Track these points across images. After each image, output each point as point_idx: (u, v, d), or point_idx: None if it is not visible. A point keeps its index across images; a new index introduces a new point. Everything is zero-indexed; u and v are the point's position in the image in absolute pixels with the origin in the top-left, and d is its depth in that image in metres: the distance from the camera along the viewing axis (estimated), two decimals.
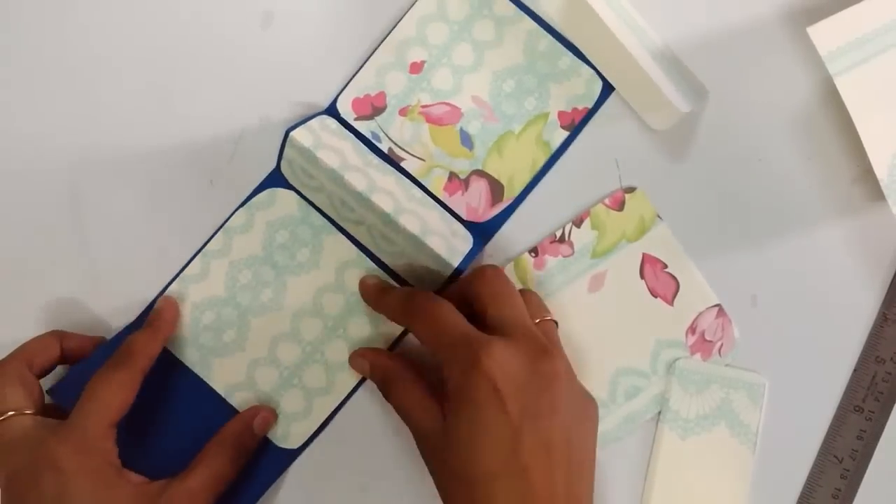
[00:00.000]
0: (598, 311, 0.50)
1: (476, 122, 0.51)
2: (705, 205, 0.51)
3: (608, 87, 0.51)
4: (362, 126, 0.51)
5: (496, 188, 0.51)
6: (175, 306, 0.51)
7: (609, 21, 0.48)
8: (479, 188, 0.51)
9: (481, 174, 0.51)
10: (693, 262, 0.50)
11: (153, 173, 0.52)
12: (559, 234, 0.51)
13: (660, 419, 0.50)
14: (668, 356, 0.50)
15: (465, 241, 0.50)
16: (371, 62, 0.51)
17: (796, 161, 0.51)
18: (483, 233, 0.51)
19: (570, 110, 0.51)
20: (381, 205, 0.48)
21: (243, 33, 0.52)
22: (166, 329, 0.50)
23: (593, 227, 0.51)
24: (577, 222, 0.51)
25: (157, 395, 0.50)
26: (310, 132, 0.49)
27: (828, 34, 0.46)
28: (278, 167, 0.51)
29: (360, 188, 0.48)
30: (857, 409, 0.50)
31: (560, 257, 0.51)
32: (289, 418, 0.51)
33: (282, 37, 0.52)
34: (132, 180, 0.52)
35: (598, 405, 0.46)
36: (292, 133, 0.48)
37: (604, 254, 0.50)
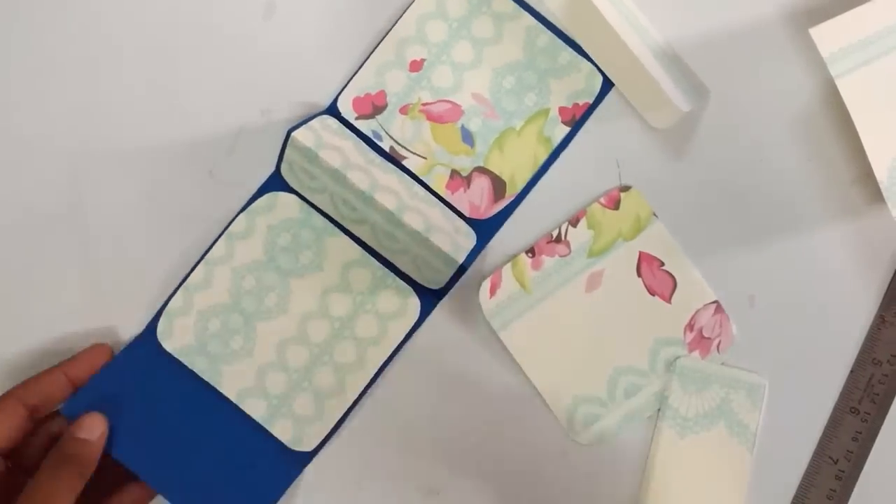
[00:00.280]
0: (596, 310, 0.50)
1: (477, 120, 0.51)
2: (704, 205, 0.51)
3: (608, 81, 0.51)
4: (363, 125, 0.51)
5: (498, 185, 0.51)
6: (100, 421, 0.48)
7: (611, 19, 0.48)
8: (481, 185, 0.51)
9: (483, 171, 0.51)
10: (691, 261, 0.50)
11: (153, 165, 0.52)
12: (555, 233, 0.51)
13: (659, 417, 0.50)
14: (666, 354, 0.50)
15: (468, 238, 0.50)
16: (371, 61, 0.51)
17: (796, 162, 0.50)
18: (486, 230, 0.51)
19: (570, 105, 0.51)
20: (385, 203, 0.48)
21: (244, 27, 0.52)
22: (87, 470, 0.46)
23: (589, 227, 0.51)
24: (574, 222, 0.51)
25: (170, 405, 0.50)
26: (311, 132, 0.49)
27: (830, 36, 0.45)
28: (278, 170, 0.51)
29: (362, 187, 0.48)
30: (853, 410, 0.50)
31: (557, 257, 0.51)
32: (301, 421, 0.51)
33: (282, 31, 0.52)
34: (132, 171, 0.52)
35: None
36: (294, 133, 0.48)
37: (600, 253, 0.50)
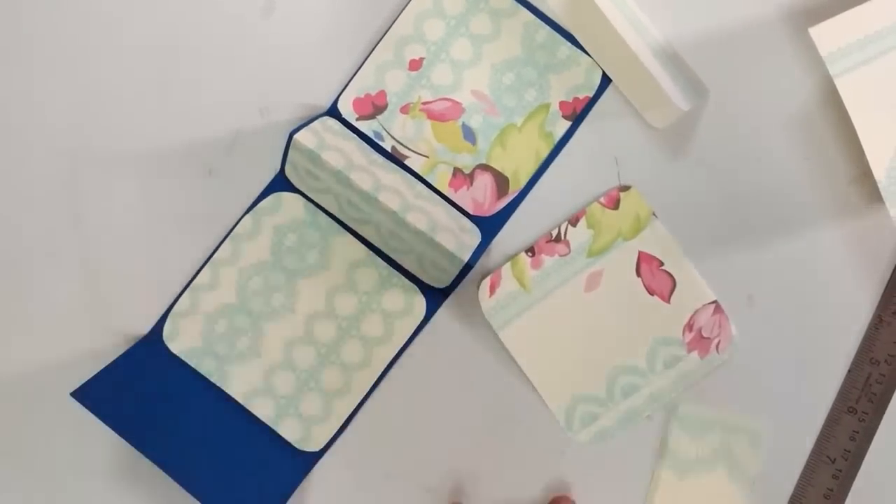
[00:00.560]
0: (595, 309, 0.51)
1: (478, 117, 0.51)
2: (703, 204, 0.50)
3: (608, 75, 0.51)
4: (364, 126, 0.52)
5: (501, 181, 0.51)
6: None
7: (612, 17, 0.48)
8: (484, 182, 0.51)
9: (486, 168, 0.51)
10: (690, 261, 0.50)
11: (152, 164, 0.52)
12: (555, 233, 0.51)
13: (659, 458, 0.51)
14: (665, 354, 0.50)
15: (473, 236, 0.50)
16: (370, 61, 0.51)
17: (795, 161, 0.50)
18: (490, 227, 0.51)
19: (570, 100, 0.51)
20: (389, 203, 0.48)
21: (243, 27, 0.52)
22: None
23: (589, 226, 0.51)
24: (573, 221, 0.51)
25: (176, 407, 0.51)
26: (313, 134, 0.49)
27: (829, 35, 0.45)
28: (282, 171, 0.51)
29: (366, 187, 0.48)
30: (850, 410, 0.50)
31: (557, 256, 0.51)
32: (309, 421, 0.51)
33: (280, 29, 0.52)
34: (131, 171, 0.52)
35: None
36: (296, 136, 0.48)
37: (600, 252, 0.51)
